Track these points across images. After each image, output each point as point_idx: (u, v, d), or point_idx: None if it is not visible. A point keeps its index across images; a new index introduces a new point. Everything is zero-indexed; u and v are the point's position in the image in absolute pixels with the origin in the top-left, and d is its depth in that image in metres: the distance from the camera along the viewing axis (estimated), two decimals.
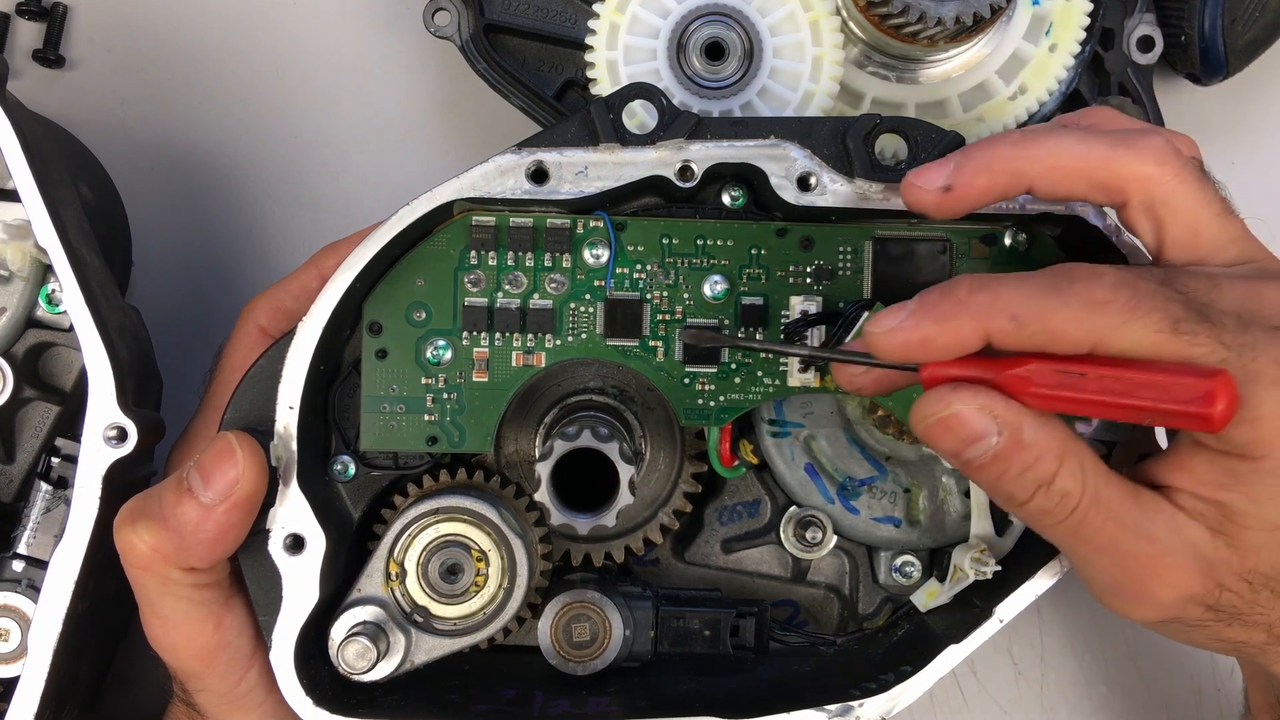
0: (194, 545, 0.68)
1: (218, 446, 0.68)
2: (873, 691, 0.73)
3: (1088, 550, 0.65)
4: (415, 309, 0.74)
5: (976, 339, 0.62)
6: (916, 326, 0.62)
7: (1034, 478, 0.63)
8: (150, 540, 0.68)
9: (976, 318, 0.61)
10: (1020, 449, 0.62)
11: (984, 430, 0.62)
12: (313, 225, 0.97)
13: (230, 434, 0.69)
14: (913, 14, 0.79)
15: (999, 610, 0.74)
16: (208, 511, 0.67)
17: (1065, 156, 0.65)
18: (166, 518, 0.67)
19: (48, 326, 0.79)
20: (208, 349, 0.84)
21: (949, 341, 0.62)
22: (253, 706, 0.73)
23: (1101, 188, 0.65)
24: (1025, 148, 0.66)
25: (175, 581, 0.69)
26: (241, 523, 0.68)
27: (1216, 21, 0.87)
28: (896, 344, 0.63)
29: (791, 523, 0.80)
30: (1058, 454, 0.62)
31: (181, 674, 0.73)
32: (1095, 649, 0.97)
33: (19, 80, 0.97)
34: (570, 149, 0.72)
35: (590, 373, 0.77)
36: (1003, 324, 0.61)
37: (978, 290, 0.62)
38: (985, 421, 0.62)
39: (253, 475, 0.68)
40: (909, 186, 0.67)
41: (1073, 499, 0.63)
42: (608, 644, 0.76)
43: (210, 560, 0.69)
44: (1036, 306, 0.61)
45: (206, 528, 0.67)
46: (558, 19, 0.88)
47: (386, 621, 0.72)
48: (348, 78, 0.98)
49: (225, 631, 0.71)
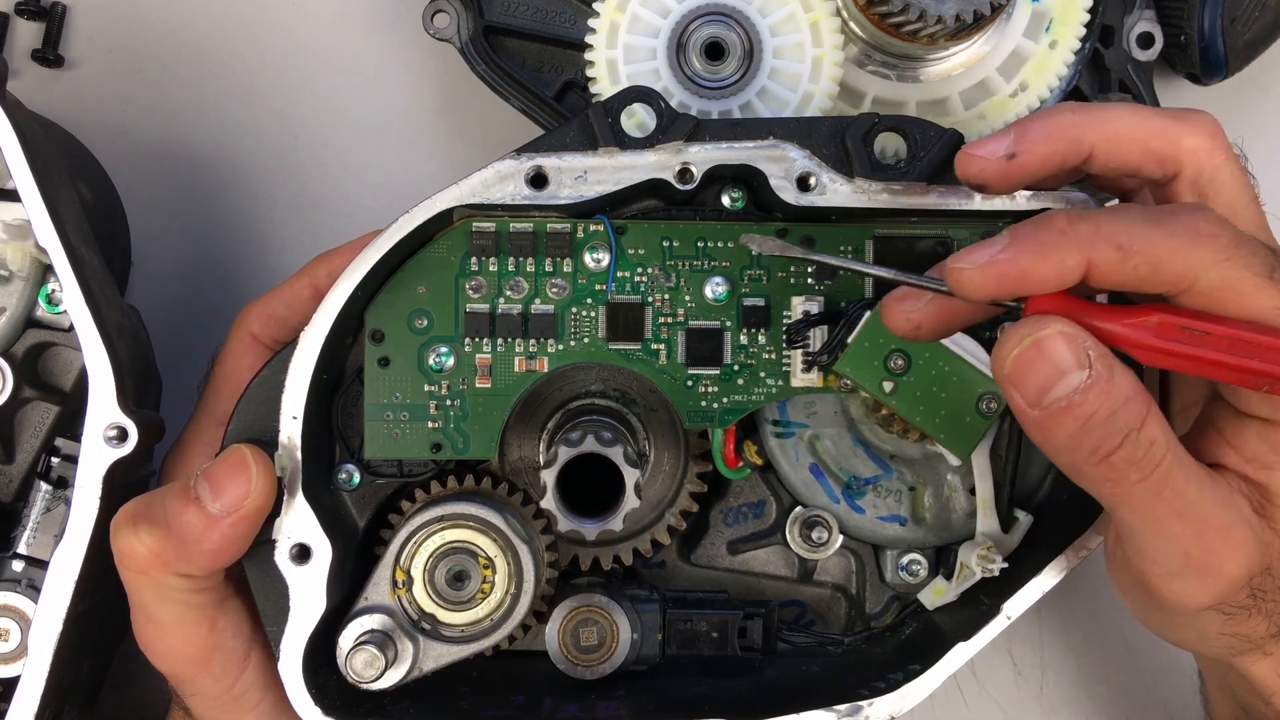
0: (195, 554, 0.68)
1: (231, 458, 0.68)
2: (882, 691, 0.73)
3: (1165, 515, 0.61)
4: (417, 316, 0.74)
5: (1079, 270, 0.59)
6: (1014, 259, 0.59)
7: (1124, 422, 0.59)
8: (150, 544, 0.67)
9: (1080, 247, 0.59)
10: (1112, 386, 0.59)
11: (1077, 360, 0.59)
12: (312, 226, 0.97)
13: (244, 447, 0.69)
14: (913, 12, 0.79)
15: (1006, 607, 0.74)
16: (214, 522, 0.67)
17: (1125, 125, 0.65)
18: (170, 524, 0.67)
19: (48, 326, 0.79)
20: (207, 349, 0.84)
21: (1050, 273, 0.59)
22: (248, 709, 0.73)
23: (1156, 157, 0.65)
24: (1086, 115, 0.65)
25: (171, 587, 0.69)
26: (246, 536, 0.69)
27: (1216, 21, 0.87)
28: (991, 278, 0.59)
29: (797, 523, 0.80)
30: (1146, 399, 0.60)
31: (175, 679, 0.73)
32: (1095, 649, 0.97)
33: (19, 80, 0.96)
34: (569, 153, 0.72)
35: (592, 377, 0.77)
36: (1108, 253, 0.59)
37: (1078, 221, 0.59)
38: (1079, 352, 0.59)
39: (263, 490, 0.68)
40: (967, 158, 0.65)
41: (1160, 449, 0.60)
42: (615, 648, 0.76)
43: (208, 570, 0.69)
44: (1141, 235, 0.59)
45: (211, 538, 0.67)
46: (557, 20, 0.88)
47: (394, 629, 0.72)
48: (347, 79, 0.98)
49: (219, 635, 0.71)
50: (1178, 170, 0.65)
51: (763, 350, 0.75)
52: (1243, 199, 0.66)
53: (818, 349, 0.74)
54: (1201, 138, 0.65)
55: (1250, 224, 0.66)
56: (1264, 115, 0.99)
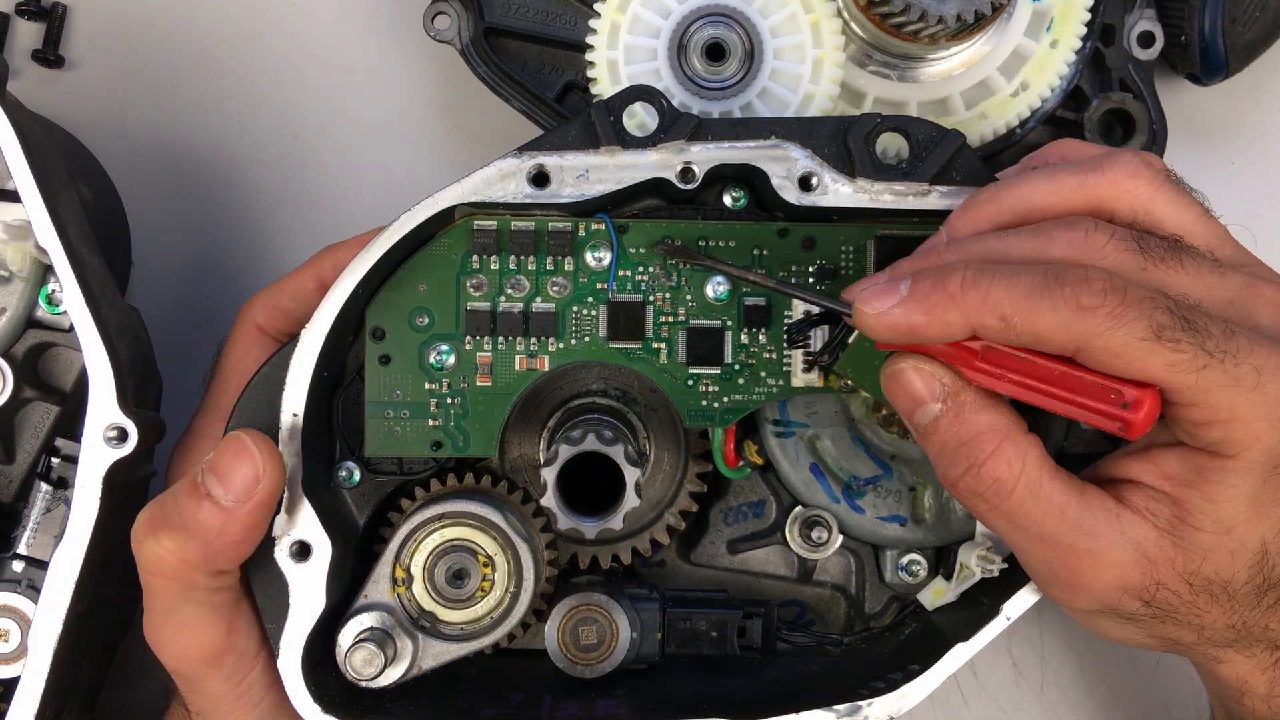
0: (220, 550, 0.67)
1: (231, 447, 0.68)
2: (881, 691, 0.73)
3: (1024, 539, 0.66)
4: (418, 314, 0.74)
5: (963, 332, 0.63)
6: (906, 316, 0.64)
7: (966, 456, 0.65)
8: (174, 549, 0.67)
9: (966, 314, 0.63)
10: (958, 422, 0.65)
11: (929, 393, 0.65)
12: (312, 226, 0.97)
13: (242, 432, 0.68)
14: (914, 12, 0.79)
15: (1006, 608, 0.74)
16: (230, 515, 0.67)
17: (1042, 195, 0.67)
18: (188, 525, 0.67)
19: (48, 327, 0.79)
20: (207, 349, 0.84)
21: (936, 333, 0.64)
22: (250, 707, 0.73)
23: (1087, 212, 0.67)
24: (1005, 194, 0.68)
25: (199, 587, 0.69)
26: (265, 520, 0.69)
27: (1216, 21, 0.87)
28: (884, 327, 0.64)
29: (797, 523, 0.80)
30: (995, 437, 0.64)
31: (184, 677, 0.73)
32: (1095, 649, 0.97)
33: (19, 80, 0.97)
34: (571, 152, 0.72)
35: (593, 375, 0.77)
36: (991, 323, 0.62)
37: (970, 287, 0.63)
38: (931, 386, 0.65)
39: (272, 472, 0.67)
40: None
41: (1004, 486, 0.65)
42: (615, 646, 0.76)
43: (237, 561, 0.69)
44: (1024, 309, 0.62)
45: (231, 530, 0.67)
46: (557, 21, 0.88)
47: (393, 627, 0.72)
48: (348, 79, 0.98)
49: (234, 635, 0.71)
50: (1111, 216, 0.67)
51: (763, 350, 0.75)
52: (1188, 221, 0.67)
53: (818, 349, 0.74)
54: (1121, 181, 0.67)
55: (1204, 242, 0.67)
56: (1264, 115, 0.99)
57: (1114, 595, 0.66)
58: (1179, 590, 0.65)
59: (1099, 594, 0.66)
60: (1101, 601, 0.67)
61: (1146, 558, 0.65)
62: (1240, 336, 0.62)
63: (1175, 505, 0.65)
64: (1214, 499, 0.64)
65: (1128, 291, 0.61)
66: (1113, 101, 0.88)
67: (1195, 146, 0.98)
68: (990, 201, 0.68)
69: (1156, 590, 0.65)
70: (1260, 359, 0.61)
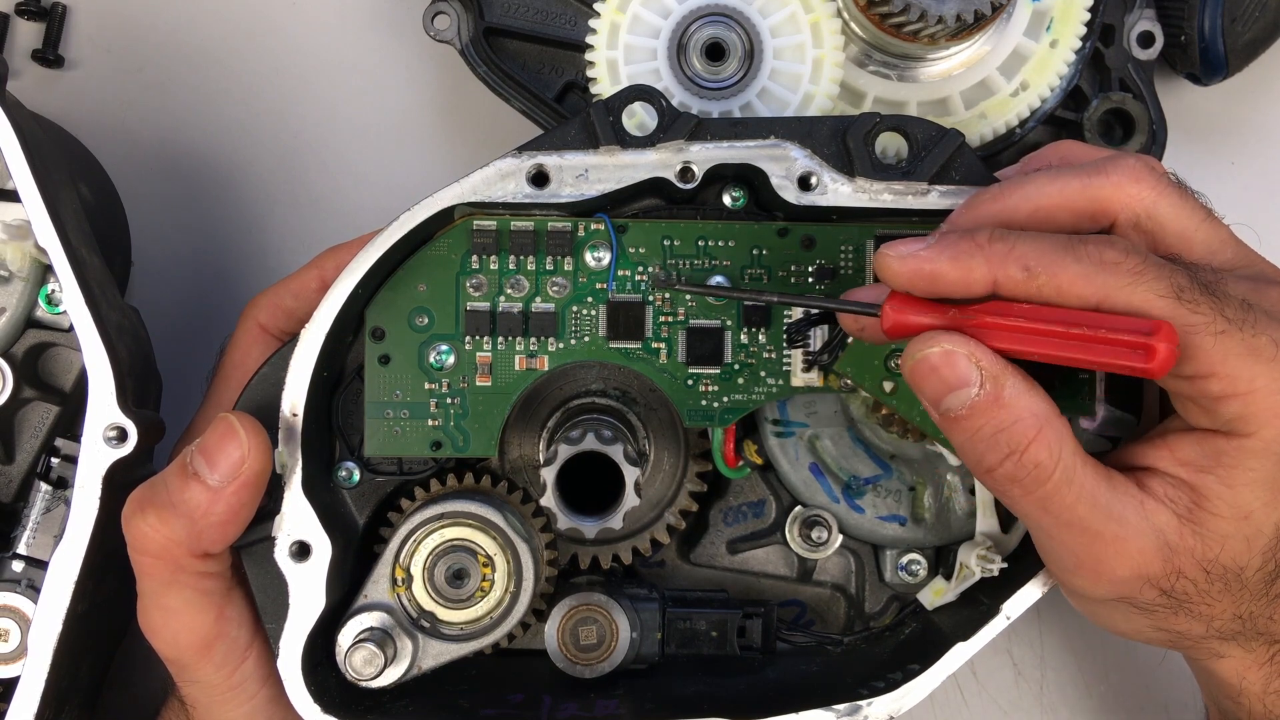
0: (205, 529, 0.68)
1: (219, 428, 0.68)
2: (881, 690, 0.73)
3: (1054, 525, 0.65)
4: (417, 314, 0.74)
5: (986, 283, 0.63)
6: (931, 259, 0.64)
7: (1007, 442, 0.64)
8: (162, 527, 0.68)
9: (990, 262, 0.63)
10: (998, 406, 0.63)
11: (967, 377, 0.63)
12: (313, 226, 0.97)
13: (230, 415, 0.69)
14: (913, 13, 0.79)
15: (1006, 607, 0.74)
16: (216, 494, 0.67)
17: (1044, 197, 0.67)
18: (175, 504, 0.68)
19: (48, 326, 0.79)
20: (207, 349, 0.84)
21: (958, 279, 0.63)
22: (244, 700, 0.73)
23: (1087, 216, 0.67)
24: (1006, 197, 0.68)
25: (185, 570, 0.69)
26: (251, 502, 0.69)
27: (1216, 21, 0.87)
28: (907, 270, 0.64)
29: (797, 522, 0.80)
30: (1036, 422, 0.63)
31: (176, 665, 0.73)
32: (1095, 649, 0.97)
33: (19, 80, 0.97)
34: (571, 152, 0.72)
35: (593, 375, 0.77)
36: (1014, 272, 0.62)
37: (997, 239, 0.63)
38: (969, 369, 0.63)
39: (259, 453, 0.68)
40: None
41: (1044, 471, 0.64)
42: (614, 646, 0.76)
43: (223, 543, 0.69)
44: (1049, 259, 0.62)
45: (217, 510, 0.68)
46: (557, 21, 0.88)
47: (393, 627, 0.72)
48: (348, 79, 0.98)
49: (224, 623, 0.72)
50: (1112, 220, 0.67)
51: (763, 349, 0.75)
52: (1192, 224, 0.67)
53: (818, 349, 0.74)
54: (1124, 184, 0.67)
55: (1206, 246, 0.67)
56: (1264, 115, 0.99)
57: (1135, 584, 0.66)
58: (1196, 579, 0.65)
59: (1121, 582, 0.66)
60: (1121, 590, 0.66)
61: (1168, 545, 0.65)
62: (1258, 312, 0.62)
63: (1193, 491, 0.65)
64: (1231, 483, 0.64)
65: (1150, 255, 0.62)
66: (1112, 101, 0.88)
67: (1195, 146, 0.98)
68: (993, 200, 0.68)
69: (1176, 579, 0.65)
70: (1278, 333, 0.62)
